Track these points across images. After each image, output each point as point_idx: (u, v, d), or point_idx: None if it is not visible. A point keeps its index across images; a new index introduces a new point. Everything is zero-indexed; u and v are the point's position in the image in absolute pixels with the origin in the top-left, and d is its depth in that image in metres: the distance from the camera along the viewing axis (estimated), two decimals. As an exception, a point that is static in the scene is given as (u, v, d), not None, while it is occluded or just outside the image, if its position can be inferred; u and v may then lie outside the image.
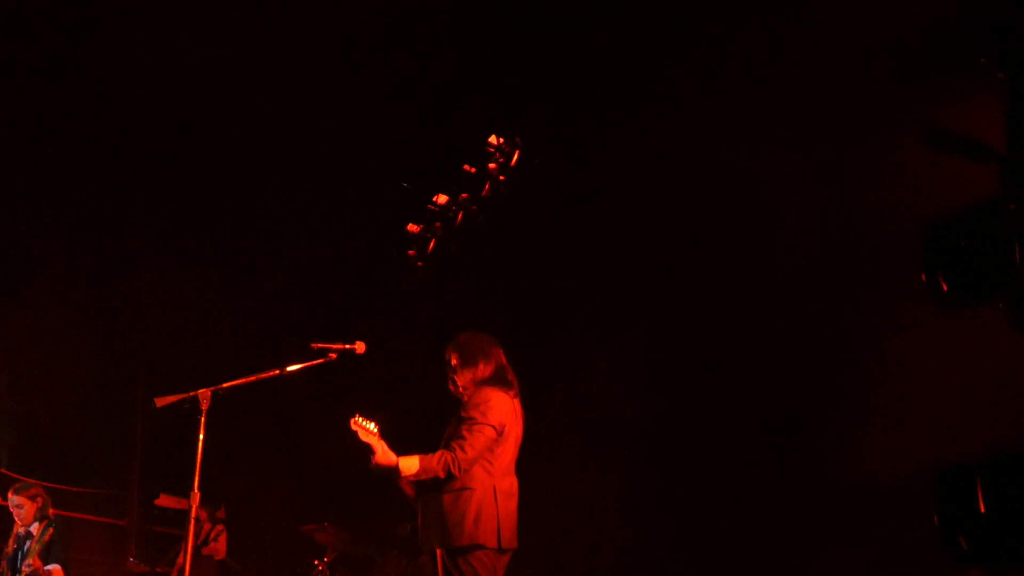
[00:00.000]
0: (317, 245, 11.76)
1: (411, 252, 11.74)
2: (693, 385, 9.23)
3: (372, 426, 6.11)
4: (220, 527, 11.63)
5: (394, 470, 6.05)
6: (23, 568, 8.64)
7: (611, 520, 9.55)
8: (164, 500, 13.12)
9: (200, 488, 6.17)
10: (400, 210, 11.69)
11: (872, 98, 7.59)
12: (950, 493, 2.23)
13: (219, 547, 11.61)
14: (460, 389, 6.32)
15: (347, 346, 6.41)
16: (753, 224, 8.68)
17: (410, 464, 6.04)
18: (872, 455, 7.57)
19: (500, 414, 6.16)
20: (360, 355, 6.43)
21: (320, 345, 6.40)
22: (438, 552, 6.01)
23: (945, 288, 2.21)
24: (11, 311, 12.48)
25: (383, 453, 6.07)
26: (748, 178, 8.38)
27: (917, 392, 7.29)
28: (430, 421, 7.01)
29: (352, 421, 6.12)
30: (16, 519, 9.00)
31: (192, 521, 6.29)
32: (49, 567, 8.70)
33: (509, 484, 6.17)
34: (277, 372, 6.37)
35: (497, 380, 6.27)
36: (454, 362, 6.36)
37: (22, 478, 10.50)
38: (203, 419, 6.13)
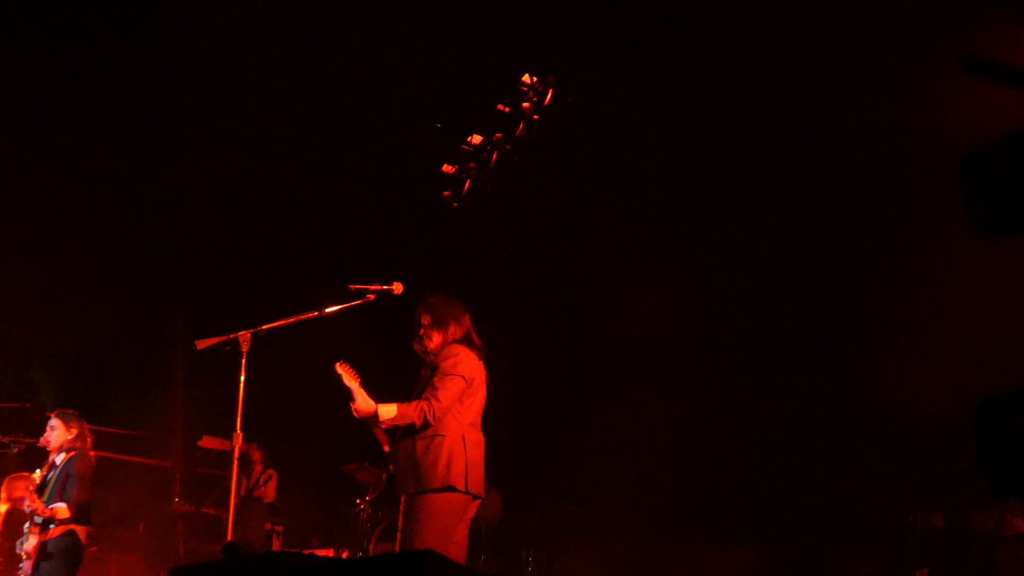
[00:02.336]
0: (354, 186, 11.76)
1: (446, 193, 11.74)
2: (736, 315, 9.22)
3: (354, 373, 6.32)
4: (270, 471, 11.79)
5: (373, 416, 6.26)
6: (28, 506, 8.30)
7: (658, 453, 9.60)
8: (207, 441, 13.27)
9: (243, 429, 6.26)
10: (435, 151, 11.68)
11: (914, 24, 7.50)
12: (991, 424, 2.21)
13: (268, 491, 11.77)
14: (429, 349, 6.48)
15: (385, 287, 6.45)
16: (797, 145, 8.61)
17: (388, 410, 6.29)
18: (914, 386, 7.56)
19: (469, 368, 6.40)
20: (398, 295, 6.47)
21: (358, 286, 6.44)
22: (403, 498, 6.22)
23: (985, 218, 2.18)
24: (57, 255, 12.62)
25: (363, 400, 6.28)
26: (786, 101, 8.31)
27: (960, 321, 7.27)
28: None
29: (337, 365, 6.31)
30: (46, 442, 8.62)
31: (235, 461, 6.35)
32: (55, 505, 8.27)
33: (476, 435, 6.42)
34: (316, 313, 6.41)
35: (465, 341, 6.44)
36: (425, 322, 6.52)
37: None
38: (244, 361, 6.19)
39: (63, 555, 8.16)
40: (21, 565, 8.21)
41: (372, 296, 6.47)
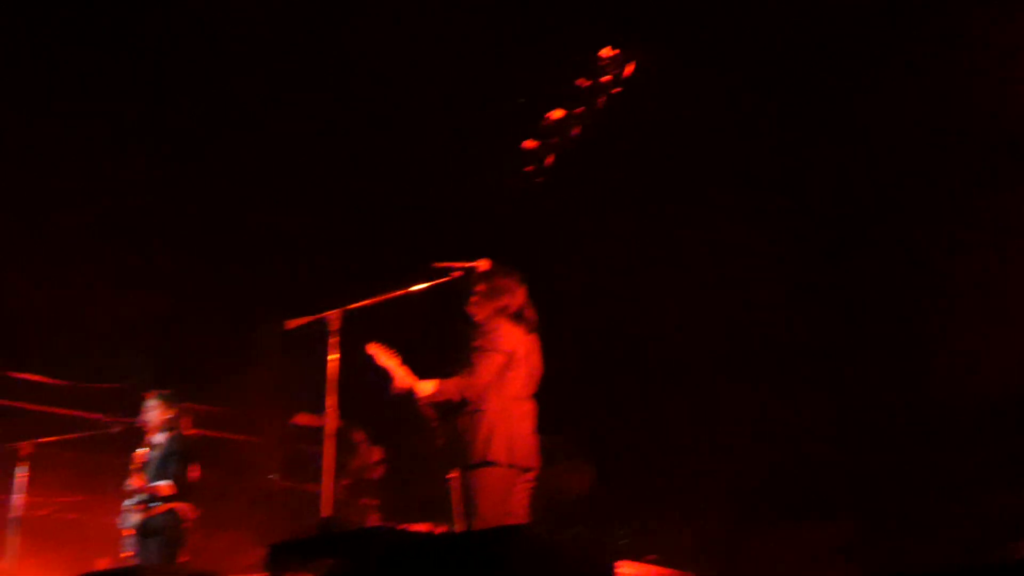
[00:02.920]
0: (438, 164, 11.83)
1: (528, 168, 11.79)
2: (825, 289, 9.15)
3: (391, 352, 6.37)
4: (377, 449, 11.98)
5: (410, 393, 6.30)
6: (130, 484, 8.49)
7: (749, 427, 9.59)
8: (302, 418, 13.49)
9: (339, 409, 6.39)
10: (516, 127, 11.72)
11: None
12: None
13: (377, 468, 11.98)
14: (477, 319, 6.47)
15: (470, 264, 6.49)
16: (884, 111, 8.50)
17: (425, 387, 6.32)
18: (1009, 359, 7.46)
19: (509, 341, 6.43)
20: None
21: (443, 264, 6.49)
22: (454, 474, 6.23)
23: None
24: (153, 238, 12.91)
25: (402, 377, 6.33)
26: (865, 75, 8.22)
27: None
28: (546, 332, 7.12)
29: (368, 346, 6.36)
30: (144, 422, 8.78)
31: (327, 439, 6.48)
32: (157, 484, 8.46)
33: (521, 408, 6.36)
34: (403, 292, 6.48)
35: (516, 317, 6.42)
36: (479, 290, 6.50)
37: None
38: (334, 340, 6.31)
39: (165, 532, 8.37)
40: (126, 543, 8.41)
41: (458, 273, 6.51)
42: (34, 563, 11.49)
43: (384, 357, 6.33)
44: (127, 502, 8.50)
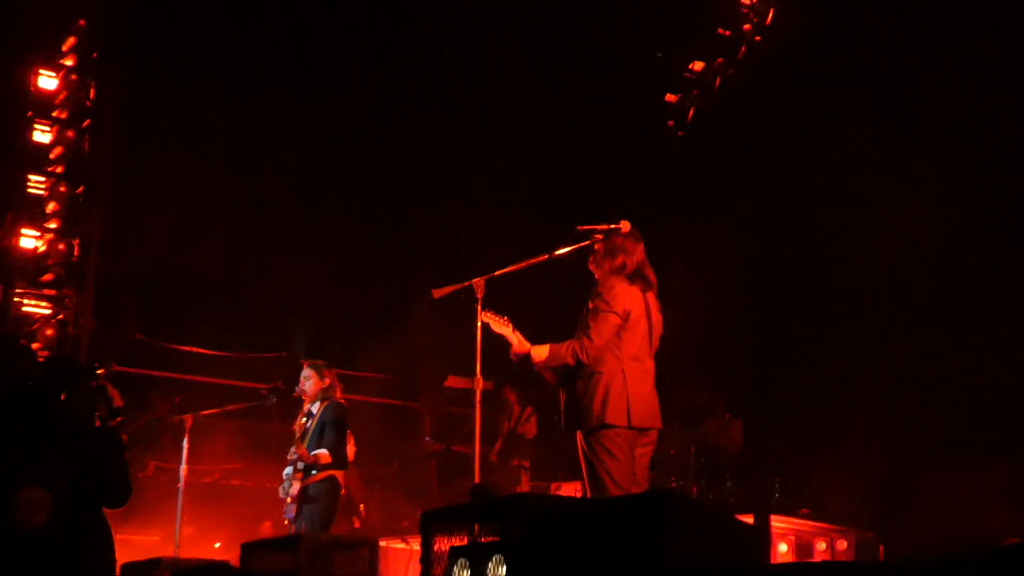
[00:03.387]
0: (578, 125, 11.81)
1: (670, 123, 11.68)
2: (986, 233, 8.91)
3: (504, 319, 6.36)
4: (530, 408, 12.09)
5: (527, 358, 6.28)
6: (289, 454, 8.69)
7: (905, 373, 9.44)
8: (452, 381, 13.69)
9: (488, 371, 6.46)
10: (657, 81, 11.62)
11: None
12: None
13: (530, 427, 12.08)
14: (596, 277, 6.40)
15: (612, 226, 6.44)
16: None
17: (541, 352, 6.28)
18: None
19: (625, 302, 6.28)
20: (626, 234, 6.45)
21: (586, 227, 6.46)
22: (578, 435, 6.18)
23: None
24: (307, 213, 13.25)
25: (518, 343, 6.31)
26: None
27: None
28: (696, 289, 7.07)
29: (483, 315, 6.34)
30: (301, 392, 8.96)
31: (478, 404, 6.56)
32: (317, 452, 8.62)
33: (639, 369, 6.27)
34: (546, 257, 6.48)
35: (634, 276, 6.32)
36: (598, 248, 6.42)
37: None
38: (479, 307, 6.36)
39: (324, 498, 8.57)
40: (286, 509, 8.66)
41: (600, 236, 6.47)
42: (201, 528, 11.96)
43: (498, 325, 6.34)
44: (286, 471, 8.71)
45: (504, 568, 4.39)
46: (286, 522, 8.69)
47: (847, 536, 8.83)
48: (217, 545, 11.65)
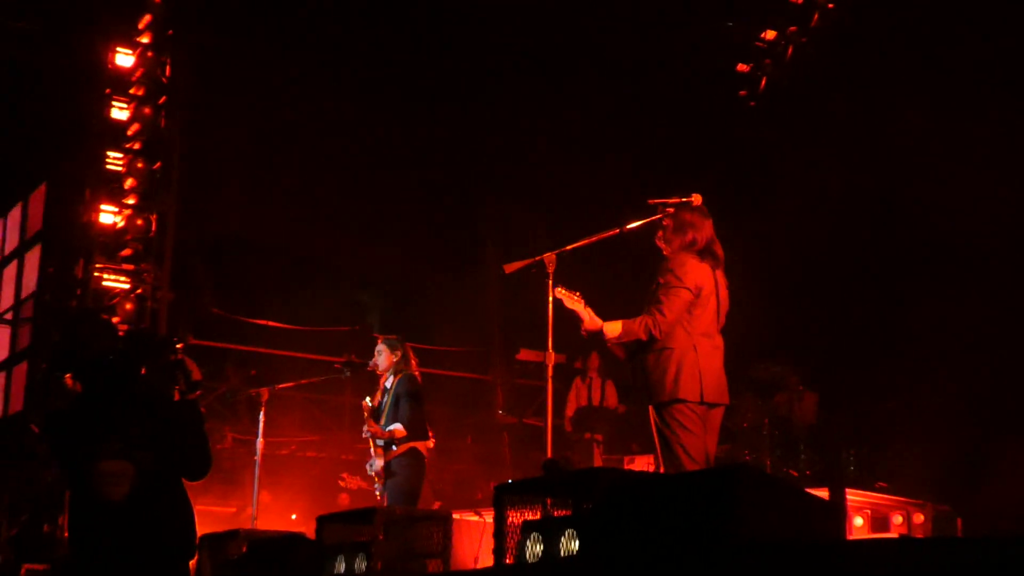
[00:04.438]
0: (650, 97, 11.75)
1: (742, 93, 11.57)
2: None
3: (576, 295, 6.35)
4: (610, 382, 12.17)
5: (599, 334, 6.27)
6: (366, 430, 8.76)
7: (980, 346, 9.33)
8: (525, 354, 13.75)
9: (560, 344, 6.48)
10: (728, 51, 11.51)
11: None
12: None
13: (610, 399, 12.14)
14: (664, 253, 6.37)
15: (683, 199, 6.41)
16: None
17: (613, 327, 6.28)
18: None
19: (695, 277, 6.26)
20: (695, 208, 6.42)
21: (657, 200, 6.44)
22: (650, 409, 6.19)
23: None
24: (378, 189, 13.34)
25: (590, 319, 6.31)
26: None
27: None
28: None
29: (555, 291, 6.35)
30: (374, 366, 9.03)
31: (550, 378, 6.58)
32: (391, 427, 8.69)
33: (709, 344, 6.27)
34: (617, 231, 6.47)
35: (704, 252, 6.29)
36: (667, 224, 6.39)
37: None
38: (551, 281, 6.37)
39: (406, 471, 8.64)
40: (376, 487, 8.79)
41: (671, 209, 6.45)
42: (278, 499, 12.14)
43: (570, 301, 6.35)
44: (375, 439, 8.76)
45: (576, 542, 4.42)
46: (377, 496, 8.80)
47: (924, 510, 8.74)
48: (294, 517, 11.81)
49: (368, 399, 8.89)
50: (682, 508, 4.00)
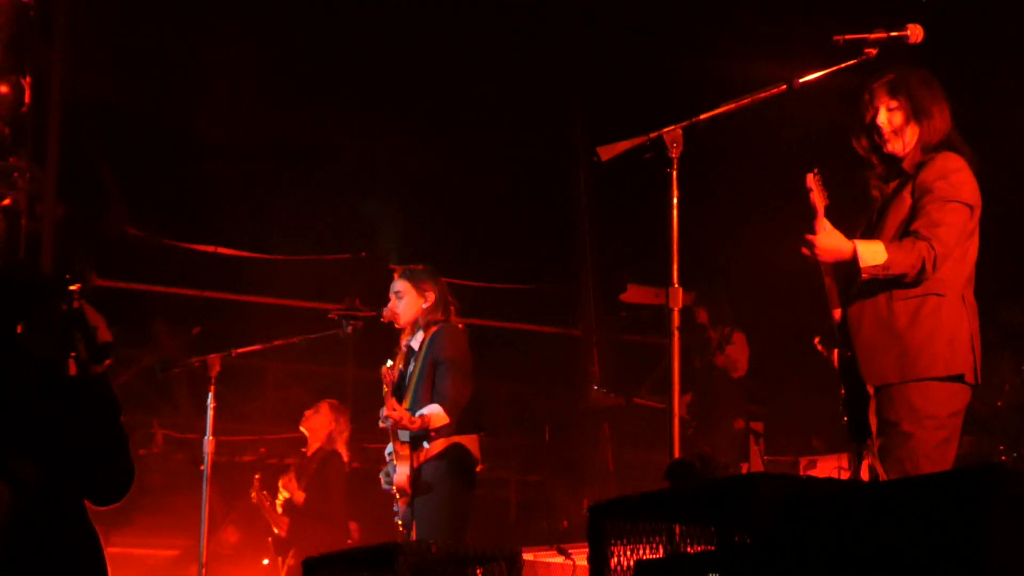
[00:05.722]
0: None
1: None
2: None
3: (824, 193, 6.24)
4: (729, 330, 12.00)
5: (851, 260, 6.12)
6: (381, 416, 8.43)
7: None
8: (633, 293, 13.73)
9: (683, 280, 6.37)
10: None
11: None
12: None
13: (734, 358, 11.99)
14: (894, 151, 6.26)
15: (893, 33, 6.41)
16: None
17: (873, 252, 6.05)
18: None
19: (973, 189, 6.19)
20: (914, 45, 6.42)
21: (852, 37, 6.43)
22: (870, 390, 6.10)
23: None
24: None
25: (830, 236, 6.13)
26: None
27: None
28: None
29: (809, 177, 6.17)
30: (391, 314, 8.72)
31: (675, 330, 6.45)
32: (423, 412, 8.32)
33: (972, 294, 6.22)
34: (784, 87, 6.42)
35: (955, 147, 6.24)
36: (896, 105, 6.30)
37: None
38: (674, 172, 6.25)
39: (448, 480, 8.32)
40: (396, 507, 8.57)
41: (874, 50, 6.41)
42: (243, 532, 12.32)
43: (818, 196, 6.22)
44: (388, 448, 8.58)
45: (724, 594, 4.40)
46: (397, 523, 8.68)
47: None
48: (265, 562, 11.89)
49: (389, 363, 8.74)
50: (903, 533, 3.99)
